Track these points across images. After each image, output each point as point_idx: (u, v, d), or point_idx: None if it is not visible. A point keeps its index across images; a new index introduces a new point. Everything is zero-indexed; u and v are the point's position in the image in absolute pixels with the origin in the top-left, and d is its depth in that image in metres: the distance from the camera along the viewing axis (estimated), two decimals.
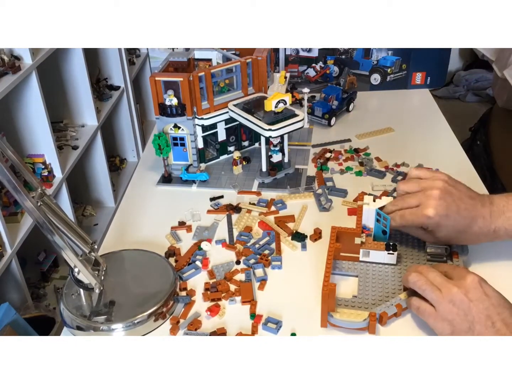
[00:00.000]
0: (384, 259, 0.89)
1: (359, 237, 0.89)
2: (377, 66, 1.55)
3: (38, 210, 0.73)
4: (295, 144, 1.30)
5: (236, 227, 1.03)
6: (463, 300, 0.71)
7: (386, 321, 0.79)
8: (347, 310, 0.81)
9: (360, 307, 0.83)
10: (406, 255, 0.92)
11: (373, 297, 0.84)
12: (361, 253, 0.90)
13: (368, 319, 0.78)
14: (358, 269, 0.90)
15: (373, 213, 0.91)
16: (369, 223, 0.93)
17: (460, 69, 3.81)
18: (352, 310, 0.81)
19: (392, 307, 0.80)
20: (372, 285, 0.86)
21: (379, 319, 0.79)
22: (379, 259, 0.89)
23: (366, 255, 0.90)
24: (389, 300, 0.82)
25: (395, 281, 0.86)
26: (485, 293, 0.72)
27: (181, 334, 0.81)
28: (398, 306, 0.80)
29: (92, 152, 2.39)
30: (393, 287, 0.85)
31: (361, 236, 0.89)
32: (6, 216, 1.70)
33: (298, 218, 1.04)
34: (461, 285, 0.73)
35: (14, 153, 0.74)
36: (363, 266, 0.90)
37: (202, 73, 1.11)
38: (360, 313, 0.79)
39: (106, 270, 0.87)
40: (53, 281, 2.13)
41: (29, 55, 1.74)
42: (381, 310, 0.80)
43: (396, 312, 0.80)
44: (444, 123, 1.40)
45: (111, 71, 2.57)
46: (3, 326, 1.25)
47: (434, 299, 0.74)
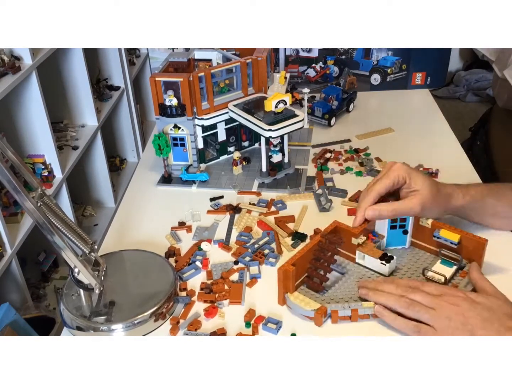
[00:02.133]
0: (377, 268, 0.88)
1: (356, 238, 0.89)
2: (377, 66, 1.55)
3: (38, 210, 0.73)
4: (295, 144, 1.30)
5: (236, 227, 1.03)
6: (457, 313, 0.74)
7: (336, 320, 0.81)
8: (303, 297, 0.82)
9: (323, 300, 0.84)
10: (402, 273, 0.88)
11: (342, 296, 0.84)
12: (357, 254, 0.90)
13: (315, 311, 0.79)
14: (348, 269, 0.90)
15: (386, 220, 0.90)
16: (381, 230, 0.92)
17: (460, 69, 3.80)
18: (308, 298, 0.82)
19: (347, 310, 0.80)
20: (350, 286, 0.86)
21: (331, 316, 0.80)
22: (372, 265, 0.89)
23: (361, 258, 0.90)
24: (351, 303, 0.82)
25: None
26: (474, 301, 0.75)
27: (181, 334, 0.81)
28: (354, 311, 0.80)
29: (92, 152, 2.39)
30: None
31: (358, 237, 0.89)
32: (6, 216, 1.70)
33: (298, 218, 1.04)
34: (450, 300, 0.76)
35: (14, 153, 0.74)
36: (354, 268, 0.90)
37: (202, 73, 1.11)
38: (313, 304, 0.81)
39: (106, 271, 0.87)
40: (53, 282, 2.13)
41: (29, 55, 1.74)
42: (332, 308, 0.81)
43: (350, 316, 0.80)
44: (444, 123, 1.40)
45: (111, 71, 2.56)
46: (3, 326, 1.25)
47: (430, 318, 0.75)
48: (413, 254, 0.93)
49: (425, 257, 0.92)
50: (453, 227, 0.89)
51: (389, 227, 0.91)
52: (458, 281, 0.85)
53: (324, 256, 0.86)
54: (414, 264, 0.90)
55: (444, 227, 0.89)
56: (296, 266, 0.82)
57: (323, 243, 0.86)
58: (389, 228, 0.92)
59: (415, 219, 0.91)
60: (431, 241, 0.91)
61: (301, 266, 0.85)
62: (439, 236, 0.88)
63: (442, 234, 0.88)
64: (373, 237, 0.91)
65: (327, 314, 0.81)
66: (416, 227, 0.92)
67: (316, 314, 0.80)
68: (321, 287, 0.85)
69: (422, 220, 0.90)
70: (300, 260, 0.83)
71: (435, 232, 0.89)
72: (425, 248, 0.93)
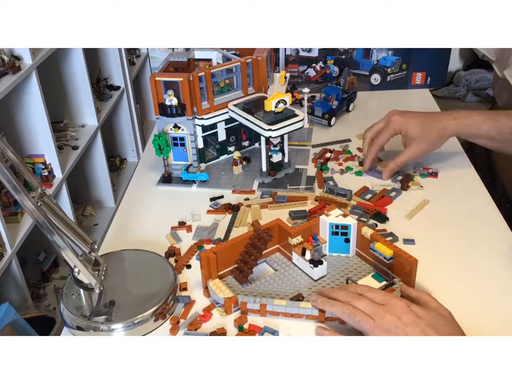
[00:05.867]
0: (307, 271, 0.88)
1: (292, 238, 0.89)
2: (377, 66, 1.55)
3: (38, 210, 0.73)
4: (295, 144, 1.30)
5: (237, 226, 1.03)
6: (397, 326, 0.70)
7: (246, 311, 0.82)
8: (222, 285, 0.85)
9: (243, 291, 0.86)
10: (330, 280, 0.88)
11: (262, 290, 0.86)
12: (293, 255, 0.91)
13: (226, 298, 0.82)
14: (282, 266, 0.91)
15: (327, 226, 0.90)
16: (323, 235, 0.92)
17: (460, 69, 3.80)
18: (224, 287, 0.84)
19: (257, 304, 0.82)
20: (276, 283, 0.88)
21: (241, 307, 0.82)
22: (304, 268, 0.89)
23: (297, 259, 0.90)
24: (265, 298, 0.83)
25: (294, 289, 0.86)
26: (417, 315, 0.71)
27: (181, 334, 0.81)
28: (262, 306, 0.81)
29: (92, 152, 2.38)
30: (287, 293, 0.85)
31: (294, 238, 0.89)
32: (6, 216, 1.70)
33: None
34: (393, 312, 0.72)
35: (14, 153, 0.74)
36: (289, 267, 0.91)
37: (202, 73, 1.11)
38: (226, 293, 0.83)
39: (106, 270, 0.87)
40: (53, 281, 2.13)
41: (29, 55, 1.74)
42: (243, 300, 0.82)
43: (259, 310, 0.82)
44: None
45: (111, 71, 2.56)
46: (3, 326, 1.25)
47: (369, 330, 0.72)
48: (352, 263, 0.91)
49: (362, 268, 0.90)
50: (389, 242, 0.87)
51: (330, 233, 0.91)
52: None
53: (253, 250, 0.88)
54: (349, 273, 0.89)
55: (380, 240, 0.86)
56: (223, 255, 0.86)
57: (254, 237, 0.88)
58: (331, 234, 0.91)
59: (358, 228, 0.90)
60: (370, 253, 0.89)
61: (232, 257, 0.89)
62: (375, 249, 0.86)
63: (377, 247, 0.86)
64: (312, 240, 0.91)
65: (237, 305, 0.83)
66: (359, 236, 0.90)
67: (226, 302, 0.82)
68: (245, 279, 0.87)
69: (363, 231, 0.89)
70: (228, 250, 0.87)
71: (371, 245, 0.87)
72: (366, 259, 0.91)
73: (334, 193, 1.10)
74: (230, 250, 0.88)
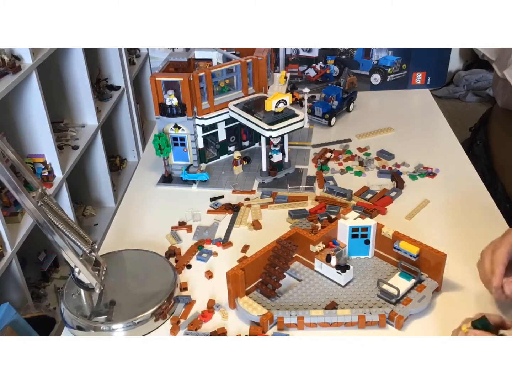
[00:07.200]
0: (333, 277, 0.87)
1: (314, 245, 0.87)
2: (377, 66, 1.55)
3: (39, 210, 0.73)
4: (295, 144, 1.30)
5: (237, 226, 1.03)
6: None
7: (283, 327, 0.79)
8: (252, 302, 0.81)
9: (273, 306, 0.83)
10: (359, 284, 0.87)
11: (293, 303, 0.83)
12: (316, 263, 0.89)
13: (261, 316, 0.79)
14: (306, 276, 0.88)
15: (347, 229, 0.89)
16: (342, 239, 0.91)
17: (460, 69, 3.80)
18: (256, 304, 0.81)
19: (293, 317, 0.79)
20: (304, 293, 0.85)
21: (277, 323, 0.79)
22: (329, 275, 0.87)
23: (319, 266, 0.89)
24: (300, 310, 0.81)
25: (324, 298, 0.84)
26: None
27: (182, 334, 0.81)
28: (300, 319, 0.79)
29: (92, 152, 2.39)
30: (319, 302, 0.83)
31: (316, 245, 0.87)
32: (6, 216, 1.70)
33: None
34: None
35: (14, 153, 0.74)
36: (312, 275, 0.89)
37: (202, 73, 1.11)
38: (260, 309, 0.80)
39: (107, 270, 0.87)
40: (54, 281, 2.13)
41: (29, 55, 1.74)
42: (279, 315, 0.79)
43: (296, 324, 0.79)
44: (444, 123, 1.40)
45: (111, 71, 2.56)
46: (3, 326, 1.25)
47: None
48: (374, 264, 0.90)
49: (386, 268, 0.89)
50: (413, 239, 0.86)
51: (350, 236, 0.90)
52: (414, 295, 0.82)
53: (278, 262, 0.84)
54: (374, 274, 0.88)
55: (404, 238, 0.86)
56: (248, 270, 0.82)
57: (278, 249, 0.85)
58: (351, 237, 0.90)
59: (377, 228, 0.89)
60: (393, 252, 0.88)
61: (255, 271, 0.84)
62: (399, 248, 0.86)
63: (402, 246, 0.85)
64: (333, 245, 0.90)
65: (273, 321, 0.80)
66: (378, 237, 0.89)
67: (262, 320, 0.79)
68: (273, 293, 0.84)
69: (384, 231, 0.88)
70: (252, 265, 0.83)
71: (395, 244, 0.87)
72: (387, 259, 0.90)
73: (334, 193, 1.10)
74: (254, 265, 0.84)
